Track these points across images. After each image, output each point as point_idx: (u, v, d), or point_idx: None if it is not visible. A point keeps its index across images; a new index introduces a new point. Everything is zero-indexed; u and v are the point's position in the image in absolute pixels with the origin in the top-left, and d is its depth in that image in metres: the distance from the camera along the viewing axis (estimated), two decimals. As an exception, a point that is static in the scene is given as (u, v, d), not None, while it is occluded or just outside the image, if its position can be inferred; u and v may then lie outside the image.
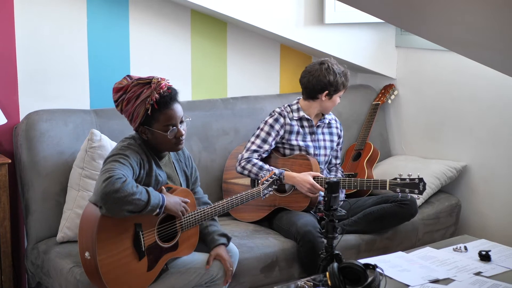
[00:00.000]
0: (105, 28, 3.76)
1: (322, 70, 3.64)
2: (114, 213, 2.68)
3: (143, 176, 2.86)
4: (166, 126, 2.88)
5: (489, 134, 4.02)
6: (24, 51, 3.55)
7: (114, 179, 2.64)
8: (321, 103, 3.71)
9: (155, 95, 2.83)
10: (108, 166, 2.72)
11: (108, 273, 2.73)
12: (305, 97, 3.74)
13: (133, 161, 2.80)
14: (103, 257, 2.72)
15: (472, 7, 2.00)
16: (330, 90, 3.66)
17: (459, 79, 4.14)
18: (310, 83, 3.67)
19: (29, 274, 3.46)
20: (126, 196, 2.64)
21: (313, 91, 3.68)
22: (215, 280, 2.96)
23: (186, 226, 2.95)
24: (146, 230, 2.84)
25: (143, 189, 2.72)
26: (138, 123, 2.88)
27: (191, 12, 4.00)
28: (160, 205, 2.76)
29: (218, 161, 3.88)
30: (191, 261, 2.98)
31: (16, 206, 3.59)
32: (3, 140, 3.56)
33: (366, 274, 2.52)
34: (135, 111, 2.86)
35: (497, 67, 2.84)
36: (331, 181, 2.76)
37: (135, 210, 2.70)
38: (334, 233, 2.79)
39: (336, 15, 4.17)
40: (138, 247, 2.80)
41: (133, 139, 2.92)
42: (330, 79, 3.64)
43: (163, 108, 2.86)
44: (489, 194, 4.06)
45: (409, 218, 3.68)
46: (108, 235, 2.73)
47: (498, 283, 2.67)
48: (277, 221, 3.60)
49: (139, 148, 2.88)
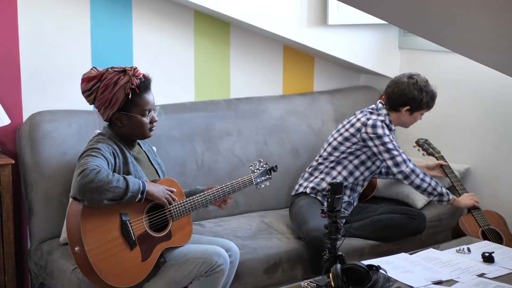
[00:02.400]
0: (108, 28, 3.76)
1: (410, 84, 3.62)
2: (95, 203, 2.74)
3: (120, 165, 2.93)
4: (144, 110, 2.98)
5: (492, 135, 4.02)
6: (27, 51, 3.56)
7: (88, 170, 2.72)
8: (400, 116, 3.69)
9: (135, 80, 2.93)
10: (82, 161, 2.80)
11: (99, 263, 2.75)
12: (388, 108, 3.71)
13: (106, 152, 2.87)
14: (92, 247, 2.74)
15: (474, 9, 2.00)
16: (412, 106, 3.65)
17: (461, 80, 4.14)
18: (394, 94, 3.66)
19: (32, 275, 3.46)
20: (102, 185, 2.71)
21: (395, 103, 3.66)
22: (214, 268, 2.94)
23: (177, 215, 2.99)
24: (134, 219, 2.87)
25: (120, 177, 2.79)
26: (116, 109, 2.95)
27: (194, 13, 4.01)
28: (140, 190, 2.82)
29: (221, 162, 3.88)
30: (188, 251, 2.99)
31: (19, 207, 3.59)
32: (7, 141, 3.56)
33: (369, 275, 2.52)
34: (113, 96, 2.93)
35: (500, 69, 2.84)
36: (334, 183, 2.76)
37: (115, 198, 2.76)
38: (337, 234, 2.79)
39: (339, 16, 4.17)
40: (128, 237, 2.83)
41: (101, 134, 3.01)
42: (415, 94, 3.62)
43: (142, 93, 2.97)
44: (492, 196, 4.05)
45: (415, 233, 3.66)
46: (93, 225, 2.77)
47: (501, 285, 2.66)
48: (295, 210, 3.60)
49: (109, 140, 2.96)
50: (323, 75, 4.56)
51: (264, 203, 3.98)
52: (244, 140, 3.95)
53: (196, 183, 3.65)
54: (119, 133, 3.01)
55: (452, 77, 4.19)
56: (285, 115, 4.14)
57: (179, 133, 3.78)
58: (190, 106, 3.92)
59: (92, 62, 3.73)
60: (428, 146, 4.05)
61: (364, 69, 4.49)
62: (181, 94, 4.02)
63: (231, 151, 3.93)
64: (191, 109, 3.91)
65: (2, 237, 3.37)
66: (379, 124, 3.62)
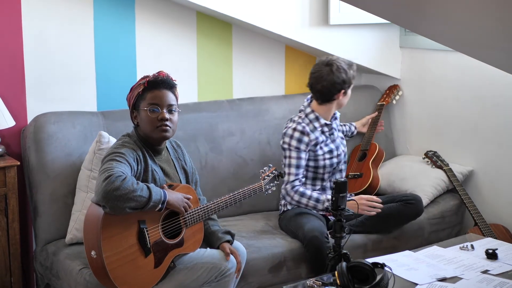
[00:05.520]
0: (111, 30, 3.78)
1: (334, 72, 3.57)
2: (117, 211, 2.73)
3: (141, 171, 2.91)
4: (150, 104, 2.96)
5: (494, 134, 4.02)
6: (31, 53, 3.57)
7: (113, 177, 2.69)
8: (338, 102, 3.66)
9: (149, 77, 2.98)
10: (106, 166, 2.77)
11: (115, 270, 2.76)
12: (320, 102, 3.65)
13: (130, 158, 2.85)
14: (109, 254, 2.75)
15: (476, 6, 2.01)
16: (345, 87, 3.63)
17: (463, 79, 4.14)
18: (325, 88, 3.59)
19: (38, 276, 3.48)
20: (127, 194, 2.69)
21: (330, 94, 3.61)
22: (224, 273, 2.96)
23: (190, 222, 2.98)
24: (151, 226, 2.87)
25: (144, 186, 2.77)
26: (132, 105, 2.99)
27: (197, 14, 4.02)
28: (162, 200, 2.81)
29: (225, 162, 3.90)
30: (197, 256, 3.00)
31: (24, 208, 3.61)
32: (12, 143, 3.58)
33: (375, 273, 2.54)
34: (132, 94, 3.00)
35: (502, 67, 2.85)
36: (338, 181, 2.78)
37: (138, 207, 2.74)
38: (341, 232, 2.81)
39: (340, 16, 4.18)
40: (144, 244, 2.83)
41: (128, 136, 3.00)
42: (343, 77, 3.58)
43: (152, 88, 2.98)
44: (495, 194, 4.06)
45: (415, 217, 3.68)
46: (112, 232, 2.76)
47: (505, 281, 2.68)
48: (286, 222, 3.61)
49: (134, 144, 2.94)
50: (325, 74, 4.58)
51: (268, 205, 3.98)
52: (247, 140, 3.97)
53: (200, 183, 3.67)
54: (141, 135, 3.00)
55: (453, 76, 4.20)
56: (288, 114, 4.13)
57: (183, 133, 3.79)
58: (193, 107, 3.94)
59: (96, 64, 3.74)
60: (437, 159, 4.07)
61: (365, 69, 4.51)
62: (184, 95, 4.01)
63: (235, 151, 3.94)
64: (194, 109, 3.92)
65: (8, 238, 3.38)
66: (289, 133, 3.61)
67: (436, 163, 4.06)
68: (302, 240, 3.43)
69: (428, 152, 4.15)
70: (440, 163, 4.05)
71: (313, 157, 3.62)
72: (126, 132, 3.06)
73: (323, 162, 3.64)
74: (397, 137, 4.59)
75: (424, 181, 4.00)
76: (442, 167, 4.03)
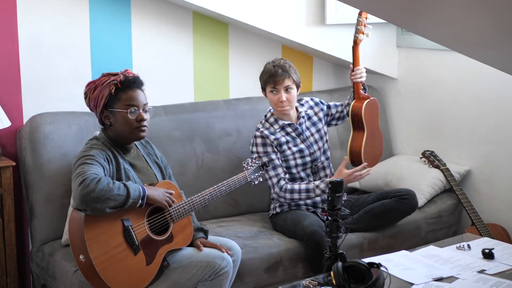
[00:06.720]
0: (107, 30, 3.77)
1: None
2: (98, 212, 2.74)
3: (113, 171, 2.92)
4: (128, 105, 2.96)
5: (491, 133, 4.02)
6: (27, 54, 3.57)
7: (88, 180, 2.71)
8: None
9: (120, 77, 2.96)
10: (79, 170, 2.79)
11: (105, 270, 2.76)
12: None
13: (100, 158, 2.86)
14: (96, 254, 2.75)
15: (472, 6, 2.01)
16: (262, 87, 3.68)
17: (461, 78, 4.14)
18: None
19: (34, 277, 3.47)
20: (104, 194, 2.70)
21: None
22: (218, 271, 2.96)
23: (177, 217, 2.99)
24: (136, 224, 2.87)
25: (121, 184, 2.78)
26: (102, 106, 2.96)
27: (193, 14, 4.02)
28: (141, 196, 2.82)
29: (221, 162, 3.90)
30: (191, 255, 3.00)
31: (20, 209, 3.60)
32: (7, 143, 3.57)
33: (371, 273, 2.53)
34: (100, 93, 2.96)
35: (499, 66, 2.84)
36: (334, 181, 2.77)
37: (117, 206, 2.76)
38: (338, 232, 2.80)
39: (337, 15, 4.18)
40: (131, 242, 2.83)
41: (96, 139, 3.01)
42: (260, 77, 3.67)
43: (126, 89, 2.97)
44: (492, 194, 4.06)
45: (409, 212, 3.68)
46: (95, 232, 2.77)
47: (501, 281, 2.68)
48: (281, 222, 3.60)
49: (102, 145, 2.96)
50: (322, 74, 4.58)
51: (265, 206, 3.97)
52: (244, 140, 3.96)
53: (197, 184, 3.67)
54: (112, 136, 3.01)
55: (450, 75, 4.20)
56: (285, 114, 4.14)
57: (179, 133, 3.79)
58: (189, 107, 3.93)
59: (92, 64, 3.74)
60: (434, 158, 4.08)
61: (362, 68, 4.49)
62: (180, 95, 4.03)
63: (231, 151, 3.94)
64: (190, 109, 3.92)
65: (3, 239, 3.38)
66: (253, 141, 3.64)
67: (433, 162, 4.06)
68: (301, 236, 3.42)
69: (425, 151, 4.15)
70: (437, 162, 4.05)
71: (283, 158, 3.64)
72: (93, 136, 3.07)
73: (293, 162, 3.65)
74: (394, 136, 4.58)
75: (421, 181, 3.99)
76: (439, 167, 4.03)
